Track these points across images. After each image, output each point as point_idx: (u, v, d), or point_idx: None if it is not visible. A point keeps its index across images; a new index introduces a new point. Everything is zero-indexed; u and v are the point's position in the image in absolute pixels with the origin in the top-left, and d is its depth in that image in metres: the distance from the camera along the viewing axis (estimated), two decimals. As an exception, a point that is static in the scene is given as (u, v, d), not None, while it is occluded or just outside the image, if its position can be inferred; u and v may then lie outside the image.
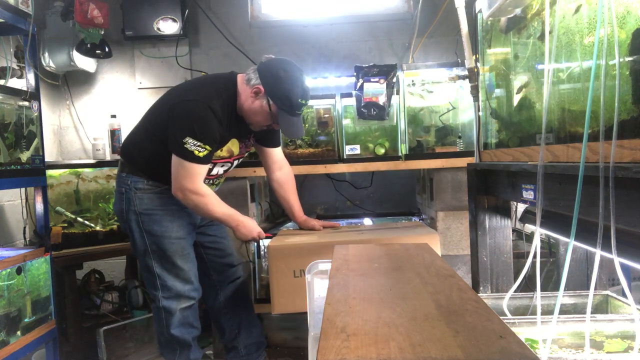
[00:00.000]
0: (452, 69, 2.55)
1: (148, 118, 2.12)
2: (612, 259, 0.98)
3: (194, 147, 1.89)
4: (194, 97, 1.95)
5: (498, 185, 1.68)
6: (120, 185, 2.08)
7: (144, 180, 2.04)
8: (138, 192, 2.03)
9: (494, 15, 1.59)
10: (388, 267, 1.30)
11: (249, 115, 2.03)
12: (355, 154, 2.60)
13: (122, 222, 2.13)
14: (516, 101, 1.64)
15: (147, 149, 2.05)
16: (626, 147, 0.92)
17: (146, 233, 2.04)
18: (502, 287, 1.75)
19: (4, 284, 1.98)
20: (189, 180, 1.92)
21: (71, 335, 2.63)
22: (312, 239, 2.10)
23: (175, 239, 2.05)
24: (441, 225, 2.50)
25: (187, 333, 2.12)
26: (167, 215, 2.05)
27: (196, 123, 1.90)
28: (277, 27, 3.40)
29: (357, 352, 0.73)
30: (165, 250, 2.04)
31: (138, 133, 2.12)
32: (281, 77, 1.96)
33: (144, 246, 2.05)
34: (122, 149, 2.16)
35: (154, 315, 2.16)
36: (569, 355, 1.22)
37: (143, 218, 2.03)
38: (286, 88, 1.95)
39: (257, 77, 1.98)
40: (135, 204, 2.03)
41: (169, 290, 2.06)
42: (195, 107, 1.91)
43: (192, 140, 1.88)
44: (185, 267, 2.08)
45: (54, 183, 2.78)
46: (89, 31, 2.95)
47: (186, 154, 1.89)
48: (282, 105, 1.96)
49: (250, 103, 1.99)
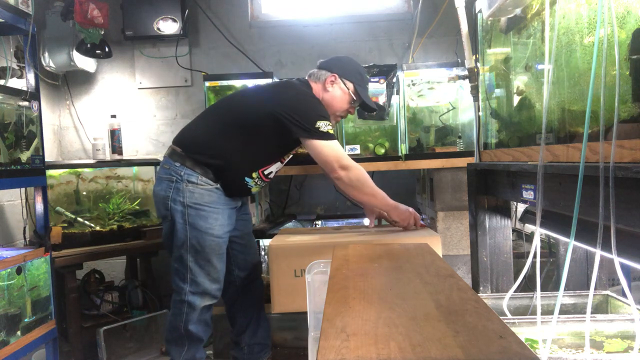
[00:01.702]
0: (452, 69, 2.55)
1: (228, 114, 2.12)
2: (612, 259, 0.98)
3: (326, 128, 2.02)
4: (297, 92, 2.11)
5: (498, 185, 1.68)
6: (170, 173, 2.06)
7: (198, 175, 2.05)
8: (190, 185, 2.04)
9: (494, 15, 1.59)
10: (388, 267, 1.30)
11: (333, 104, 2.16)
12: (355, 154, 2.60)
13: (162, 209, 2.09)
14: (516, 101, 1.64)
15: (219, 146, 2.07)
16: (626, 147, 0.93)
17: (190, 226, 2.04)
18: (502, 287, 1.75)
19: (4, 284, 1.98)
20: (341, 155, 2.03)
21: (71, 335, 2.63)
22: (312, 238, 2.10)
23: (216, 237, 2.07)
24: (441, 225, 2.50)
25: (202, 331, 2.13)
26: (214, 213, 2.06)
27: (315, 107, 2.06)
28: (277, 27, 3.40)
29: (357, 352, 0.73)
30: (204, 247, 2.05)
31: (211, 127, 2.12)
32: (344, 60, 2.22)
33: (183, 238, 2.04)
34: (182, 139, 2.14)
35: (173, 309, 2.12)
36: (569, 355, 1.22)
37: (190, 211, 2.03)
38: (353, 66, 2.20)
39: (324, 71, 2.17)
40: (185, 196, 2.03)
41: (197, 286, 2.07)
42: (305, 97, 2.10)
43: (322, 122, 2.01)
44: (219, 266, 2.10)
45: (54, 183, 2.79)
46: (89, 31, 2.95)
47: (325, 135, 2.01)
48: (358, 80, 2.17)
49: (332, 92, 2.16)
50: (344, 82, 2.15)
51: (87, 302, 2.85)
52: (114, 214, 2.94)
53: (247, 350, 2.31)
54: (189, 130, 2.18)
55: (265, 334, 2.36)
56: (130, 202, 3.02)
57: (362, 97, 2.17)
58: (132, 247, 2.88)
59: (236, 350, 2.35)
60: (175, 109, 3.49)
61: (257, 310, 2.35)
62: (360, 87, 2.16)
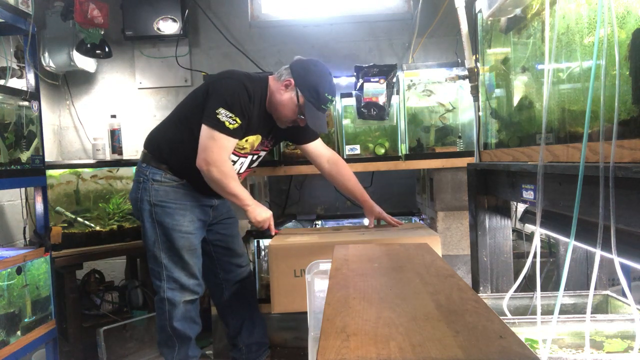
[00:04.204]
0: (452, 69, 2.55)
1: (180, 109, 2.17)
2: (612, 259, 0.98)
3: (225, 118, 1.95)
4: (230, 75, 2.05)
5: (498, 185, 1.68)
6: (138, 174, 2.14)
7: (162, 172, 2.09)
8: (155, 184, 2.08)
9: (494, 15, 1.59)
10: (388, 267, 1.30)
11: (278, 109, 2.08)
12: (355, 154, 2.60)
13: (135, 211, 2.18)
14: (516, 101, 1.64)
15: (175, 138, 2.10)
16: (626, 147, 0.92)
17: (157, 224, 2.08)
18: (502, 287, 1.75)
19: (4, 284, 1.98)
20: (216, 151, 1.95)
21: (71, 335, 2.63)
22: (312, 239, 2.10)
23: (185, 233, 2.09)
24: (441, 225, 2.49)
25: (189, 328, 2.14)
26: (180, 209, 2.09)
27: (229, 95, 1.97)
28: (277, 27, 3.40)
29: (357, 352, 0.73)
30: (173, 243, 2.07)
31: (167, 124, 2.18)
32: (311, 70, 2.06)
33: (154, 236, 2.09)
34: (147, 140, 2.20)
35: (156, 310, 2.16)
36: (569, 355, 1.22)
37: (156, 209, 2.07)
38: (315, 81, 2.03)
39: (288, 72, 2.07)
40: (151, 195, 2.08)
41: (174, 282, 2.10)
42: (230, 83, 2.01)
43: (225, 110, 1.95)
44: (191, 262, 2.12)
45: (54, 183, 2.78)
46: (89, 31, 2.95)
47: (218, 125, 1.94)
48: (309, 97, 2.02)
49: (280, 96, 2.06)
50: (297, 91, 2.03)
51: (87, 302, 2.86)
52: (114, 214, 2.94)
53: (246, 350, 2.32)
54: (154, 132, 2.22)
55: (262, 333, 2.36)
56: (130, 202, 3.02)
57: (306, 116, 2.03)
58: (132, 247, 2.88)
59: (235, 352, 2.36)
60: (175, 109, 3.48)
61: (250, 311, 2.35)
62: (310, 105, 2.02)
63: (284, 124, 2.14)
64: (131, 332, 2.78)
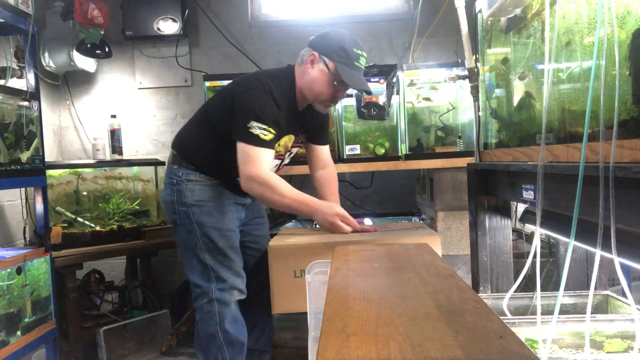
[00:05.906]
0: (452, 69, 2.55)
1: (205, 113, 2.10)
2: (612, 259, 0.98)
3: (259, 131, 1.86)
4: (255, 85, 1.94)
5: (498, 185, 1.68)
6: (170, 176, 2.05)
7: (196, 172, 2.02)
8: (189, 184, 2.01)
9: (494, 15, 1.59)
10: (388, 267, 1.30)
11: (312, 88, 1.97)
12: (355, 154, 2.60)
13: (170, 214, 2.08)
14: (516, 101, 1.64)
15: (204, 145, 2.03)
16: (626, 147, 0.92)
17: (197, 224, 1.99)
18: (502, 287, 1.75)
19: (4, 284, 1.98)
20: (256, 165, 1.87)
21: (71, 335, 2.63)
22: (312, 239, 2.10)
23: (226, 231, 2.02)
24: (441, 225, 2.49)
25: (241, 333, 2.05)
26: (218, 207, 2.02)
27: (258, 107, 1.88)
28: (277, 27, 3.40)
29: (357, 352, 0.73)
30: (216, 242, 2.00)
31: (194, 127, 2.11)
32: (330, 35, 1.95)
33: (194, 238, 2.00)
34: (175, 141, 2.13)
35: (201, 315, 2.02)
36: (569, 355, 1.22)
37: (194, 209, 1.99)
38: (337, 42, 1.92)
39: (308, 50, 1.97)
40: (187, 195, 2.00)
41: (223, 282, 2.01)
42: (257, 94, 1.91)
43: (257, 123, 1.86)
44: (237, 259, 2.05)
45: (54, 183, 2.79)
46: (89, 31, 2.95)
47: (252, 139, 1.86)
48: (339, 58, 1.90)
49: (309, 74, 1.95)
50: (324, 60, 1.92)
51: (87, 302, 2.85)
52: (114, 214, 2.94)
53: (247, 354, 2.29)
54: (181, 132, 2.17)
55: (267, 342, 2.32)
56: (130, 202, 3.02)
57: (342, 78, 1.89)
58: (132, 247, 2.88)
59: None
60: (175, 109, 3.49)
61: (264, 317, 2.28)
62: (342, 65, 1.90)
63: (324, 104, 2.02)
64: (131, 332, 2.78)
